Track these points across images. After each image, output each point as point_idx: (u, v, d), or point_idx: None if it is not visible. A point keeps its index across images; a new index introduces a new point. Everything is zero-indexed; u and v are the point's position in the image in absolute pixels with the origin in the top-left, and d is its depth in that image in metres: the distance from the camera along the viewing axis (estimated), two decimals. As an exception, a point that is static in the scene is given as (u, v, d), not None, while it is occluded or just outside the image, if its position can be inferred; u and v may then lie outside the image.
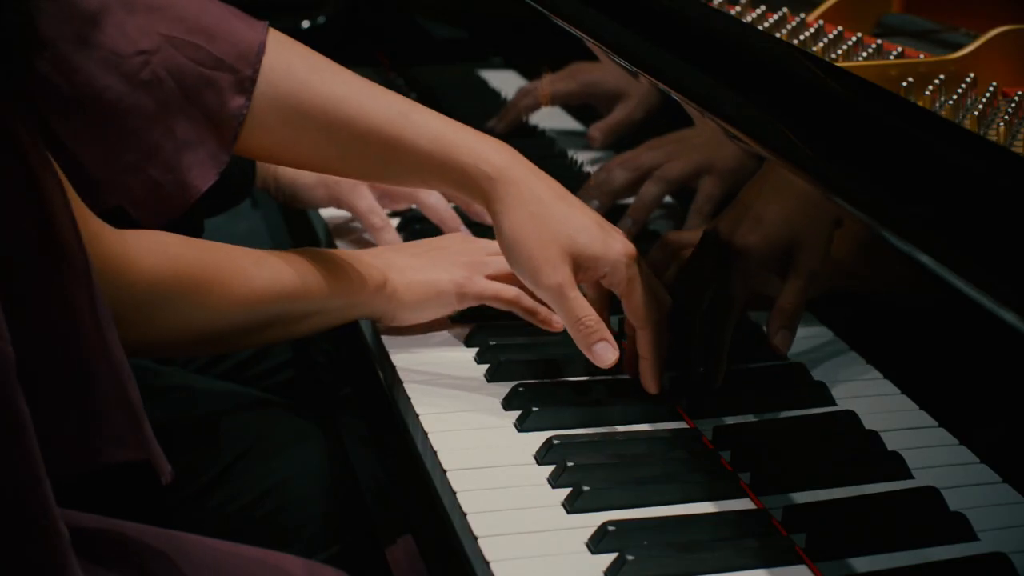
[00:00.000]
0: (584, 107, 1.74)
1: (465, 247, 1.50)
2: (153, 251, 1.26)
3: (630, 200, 1.55)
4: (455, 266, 1.45)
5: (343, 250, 1.45)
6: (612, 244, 1.32)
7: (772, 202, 1.26)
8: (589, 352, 1.31)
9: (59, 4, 1.15)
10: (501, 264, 1.43)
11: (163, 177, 1.24)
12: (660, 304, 1.33)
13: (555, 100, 1.78)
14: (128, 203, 1.24)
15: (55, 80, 1.15)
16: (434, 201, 1.66)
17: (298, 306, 1.37)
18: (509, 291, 1.44)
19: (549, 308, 1.39)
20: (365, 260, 1.43)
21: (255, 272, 1.34)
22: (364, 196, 1.67)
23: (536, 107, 1.83)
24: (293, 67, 1.32)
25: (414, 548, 1.33)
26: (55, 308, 1.01)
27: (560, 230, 1.31)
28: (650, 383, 1.33)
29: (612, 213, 1.55)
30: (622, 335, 1.42)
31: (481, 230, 1.63)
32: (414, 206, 1.71)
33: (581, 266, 1.32)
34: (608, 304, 1.38)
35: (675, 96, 1.35)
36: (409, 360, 1.41)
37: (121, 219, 1.23)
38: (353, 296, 1.41)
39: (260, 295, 1.34)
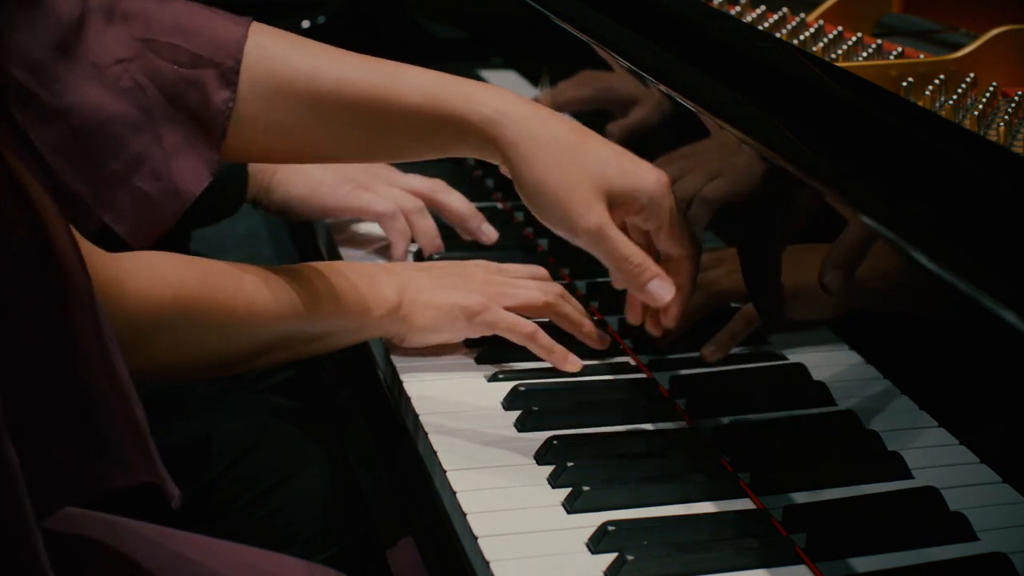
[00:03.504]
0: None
1: (490, 277, 1.42)
2: (151, 275, 1.19)
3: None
4: (475, 293, 1.39)
5: (356, 264, 1.39)
6: (645, 175, 1.23)
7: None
8: (642, 292, 1.21)
9: (37, 12, 1.12)
10: (524, 297, 1.39)
11: (150, 187, 1.19)
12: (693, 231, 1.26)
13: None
14: (115, 218, 1.19)
15: (34, 89, 1.12)
16: (455, 202, 1.63)
17: (305, 327, 1.31)
18: (526, 326, 1.37)
19: (564, 347, 1.36)
20: (380, 277, 1.37)
21: (259, 293, 1.27)
22: (359, 195, 1.65)
23: None
24: (268, 48, 1.26)
25: (414, 548, 1.33)
26: (55, 328, 0.95)
27: (586, 167, 1.20)
28: (673, 318, 1.26)
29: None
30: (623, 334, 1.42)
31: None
32: None
33: (615, 203, 1.22)
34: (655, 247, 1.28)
35: (674, 96, 1.34)
36: (410, 361, 1.41)
37: (113, 243, 1.18)
38: (364, 317, 1.35)
39: (264, 316, 1.27)
